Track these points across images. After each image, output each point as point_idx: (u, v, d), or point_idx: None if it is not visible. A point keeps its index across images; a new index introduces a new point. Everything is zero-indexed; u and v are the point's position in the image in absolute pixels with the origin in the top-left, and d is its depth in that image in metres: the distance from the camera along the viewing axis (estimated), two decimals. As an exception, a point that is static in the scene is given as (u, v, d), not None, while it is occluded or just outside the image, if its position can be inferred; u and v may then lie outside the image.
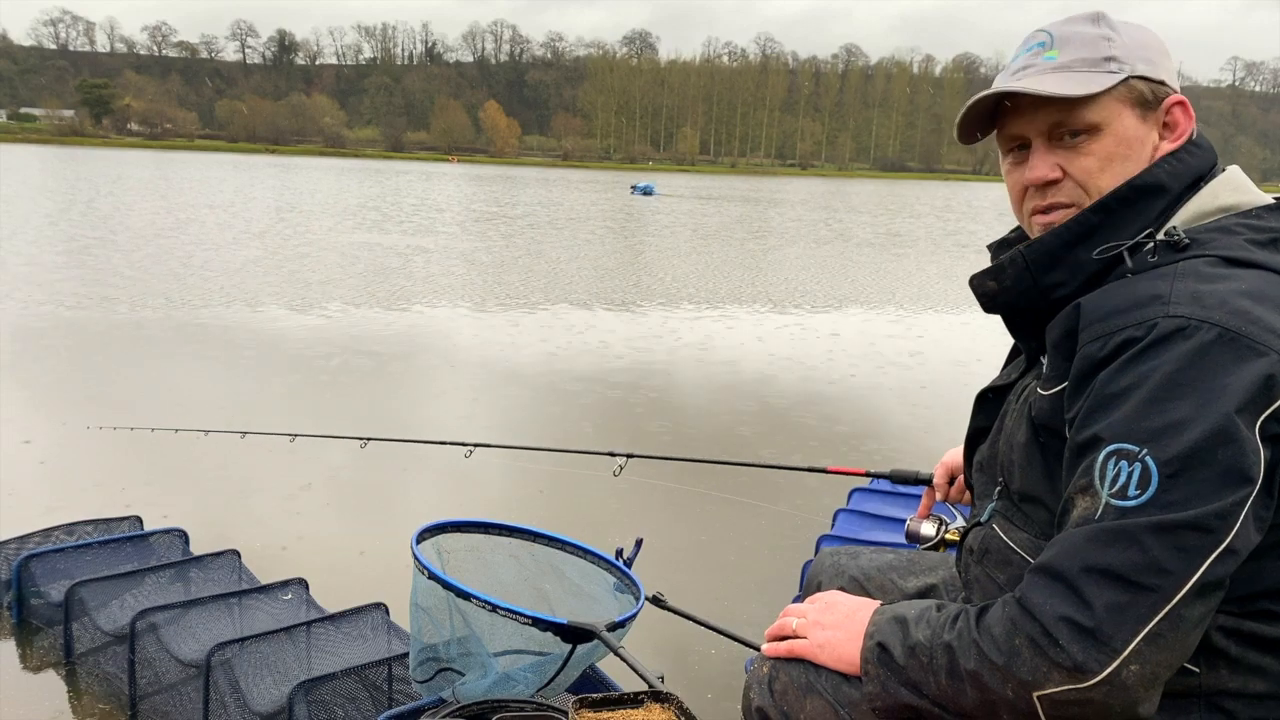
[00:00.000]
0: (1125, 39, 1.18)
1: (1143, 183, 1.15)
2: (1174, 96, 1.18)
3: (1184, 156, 1.16)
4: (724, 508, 4.33)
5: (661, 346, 8.20)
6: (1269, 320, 0.99)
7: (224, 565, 3.04)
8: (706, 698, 2.75)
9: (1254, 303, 1.00)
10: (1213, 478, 0.94)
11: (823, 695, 1.28)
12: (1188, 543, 0.94)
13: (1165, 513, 0.94)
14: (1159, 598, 0.95)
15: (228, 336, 7.77)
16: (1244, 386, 0.95)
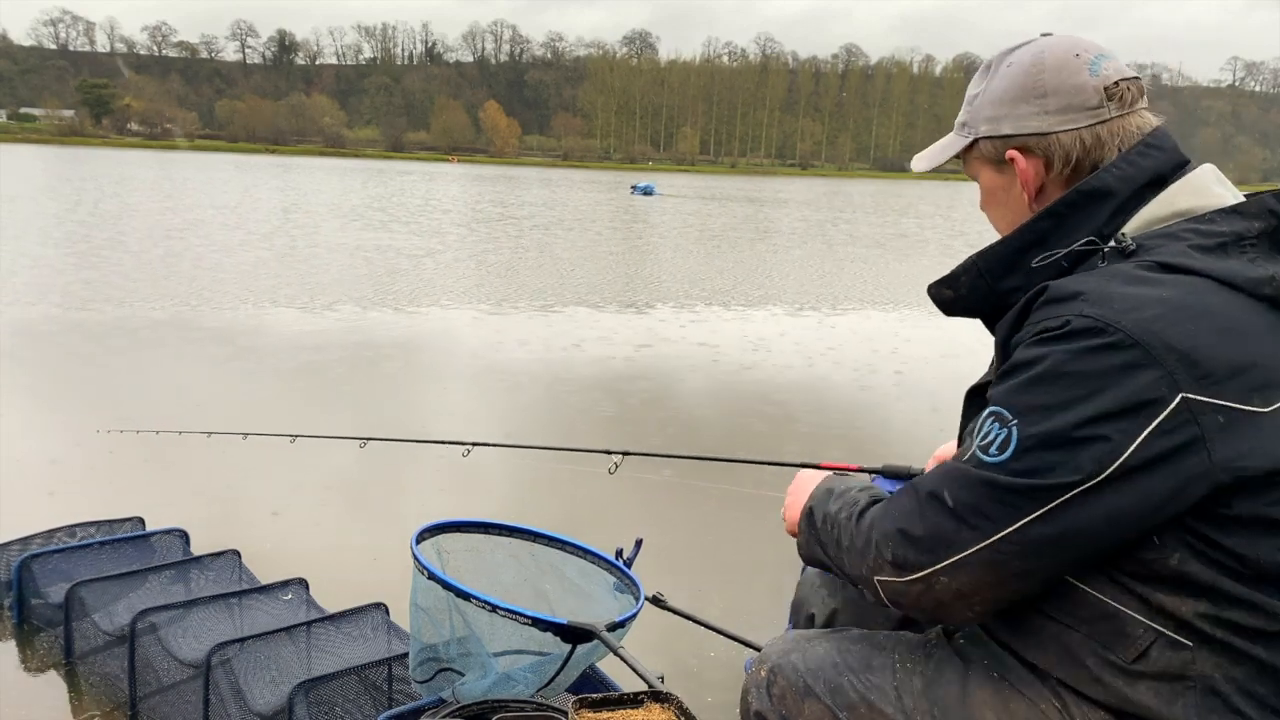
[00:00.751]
0: (985, 96, 1.29)
1: (1089, 188, 1.19)
2: (1011, 151, 1.25)
3: (1136, 159, 1.19)
4: (723, 508, 4.33)
5: (666, 346, 8.20)
6: (1171, 337, 1.01)
7: (224, 565, 3.05)
8: (706, 700, 2.75)
9: (1166, 314, 1.03)
10: (1056, 461, 1.02)
11: (820, 699, 1.30)
12: (1011, 501, 1.05)
13: (1007, 475, 1.05)
14: (977, 535, 1.07)
15: (238, 338, 7.77)
16: (1123, 394, 1.00)
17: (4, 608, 3.05)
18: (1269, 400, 1.03)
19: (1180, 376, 1.00)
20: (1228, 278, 1.07)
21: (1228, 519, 1.03)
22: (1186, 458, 1.00)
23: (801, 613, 1.66)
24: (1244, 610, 1.04)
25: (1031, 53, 1.26)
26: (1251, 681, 1.06)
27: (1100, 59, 1.24)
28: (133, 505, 3.93)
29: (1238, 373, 1.02)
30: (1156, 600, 1.07)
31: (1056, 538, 1.04)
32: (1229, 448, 1.00)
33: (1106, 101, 1.22)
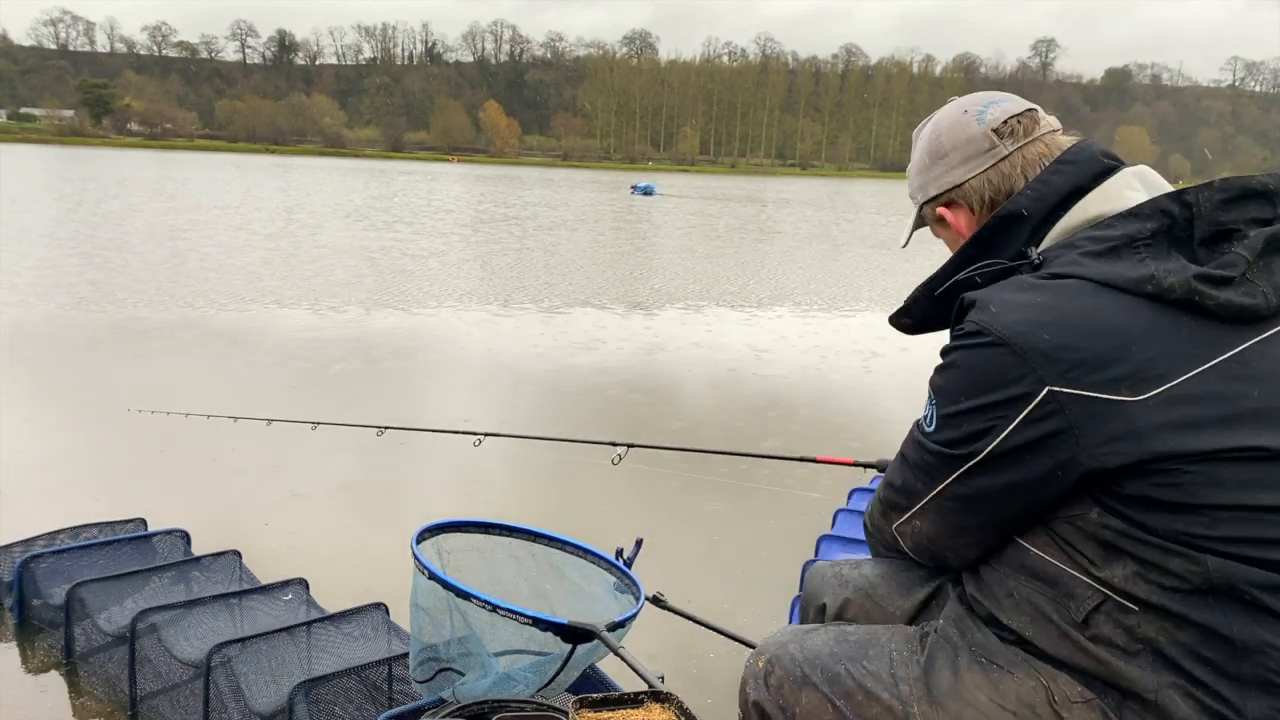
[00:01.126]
0: (912, 169, 1.51)
1: (1005, 212, 1.33)
2: (939, 206, 1.45)
3: (1047, 179, 1.31)
4: (724, 508, 4.33)
5: (670, 345, 8.20)
6: (1039, 338, 1.14)
7: (225, 566, 3.05)
8: (706, 700, 2.75)
9: (1038, 316, 1.15)
10: (957, 438, 1.22)
11: (818, 688, 1.35)
12: (934, 465, 1.26)
13: (933, 443, 1.26)
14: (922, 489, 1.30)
15: (244, 338, 7.77)
16: (998, 388, 1.16)
17: (5, 609, 3.05)
18: (1138, 390, 1.10)
19: (1045, 372, 1.12)
20: (1109, 280, 1.16)
21: (1122, 496, 1.12)
22: (1056, 444, 1.13)
23: (811, 606, 1.69)
24: (1164, 573, 1.12)
25: (931, 123, 1.47)
26: (1199, 645, 1.11)
27: (989, 106, 1.40)
28: (134, 507, 3.94)
29: (1104, 366, 1.10)
30: (1091, 560, 1.16)
31: (972, 496, 1.23)
32: (1097, 435, 1.10)
33: (999, 141, 1.36)
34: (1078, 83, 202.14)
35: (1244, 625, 1.10)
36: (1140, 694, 1.14)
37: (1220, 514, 1.10)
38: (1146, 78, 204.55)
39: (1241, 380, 1.12)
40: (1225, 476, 1.10)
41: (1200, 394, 1.11)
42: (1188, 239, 1.18)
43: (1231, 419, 1.10)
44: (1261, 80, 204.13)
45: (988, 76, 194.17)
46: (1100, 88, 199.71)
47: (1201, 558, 1.10)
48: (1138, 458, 1.10)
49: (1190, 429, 1.10)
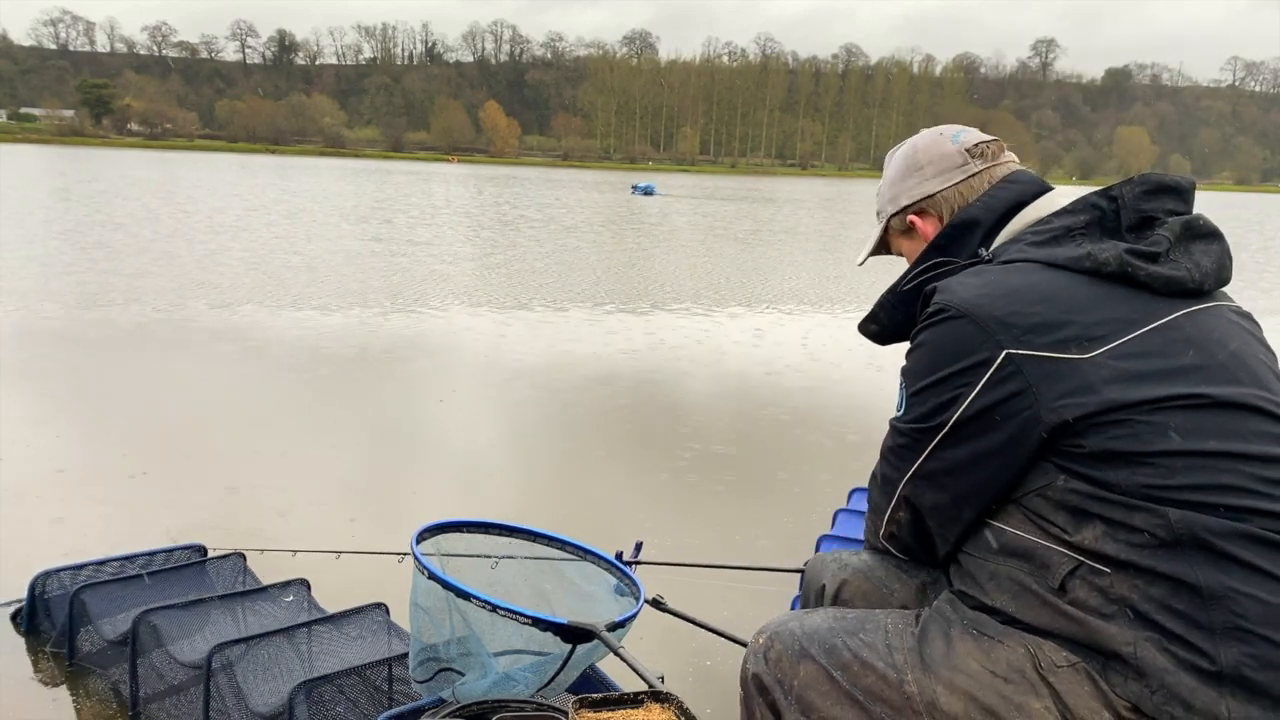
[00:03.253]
0: (885, 183, 1.65)
1: (960, 220, 1.51)
2: (910, 216, 1.60)
3: (996, 193, 1.51)
4: (723, 508, 4.34)
5: (673, 345, 8.20)
6: (993, 307, 1.27)
7: (228, 568, 3.04)
8: (707, 700, 2.75)
9: (990, 291, 1.29)
10: (926, 411, 1.32)
11: (815, 659, 1.40)
12: (908, 445, 1.37)
13: (904, 425, 1.36)
14: (899, 474, 1.39)
15: (251, 339, 7.77)
16: (964, 353, 1.27)
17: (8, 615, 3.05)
18: (1085, 349, 1.22)
19: (1002, 337, 1.24)
20: (1051, 260, 1.32)
21: (1083, 454, 1.21)
22: (1018, 404, 1.23)
23: (811, 590, 1.73)
24: (1131, 530, 1.19)
25: (906, 144, 1.64)
26: (1169, 598, 1.16)
27: (960, 133, 1.59)
28: (139, 509, 3.94)
29: (1054, 329, 1.23)
30: (1062, 529, 1.24)
31: (946, 471, 1.32)
32: (1053, 391, 1.21)
33: (971, 159, 1.55)
34: (1078, 83, 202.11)
35: (1209, 574, 1.15)
36: (1120, 653, 1.18)
37: (1175, 462, 1.18)
38: (1146, 78, 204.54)
39: (1177, 343, 1.24)
40: (1174, 424, 1.19)
41: (1141, 352, 1.23)
42: (1116, 228, 1.34)
43: (1172, 372, 1.22)
44: (1261, 80, 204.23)
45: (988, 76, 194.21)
46: (1100, 88, 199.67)
47: (1163, 510, 1.17)
48: (1093, 408, 1.20)
49: (1136, 380, 1.21)
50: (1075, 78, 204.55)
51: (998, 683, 1.26)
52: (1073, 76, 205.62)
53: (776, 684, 1.42)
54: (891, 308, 1.57)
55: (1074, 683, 1.21)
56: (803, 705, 1.39)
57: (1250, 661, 1.14)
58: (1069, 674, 1.22)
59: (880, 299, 1.59)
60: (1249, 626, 1.14)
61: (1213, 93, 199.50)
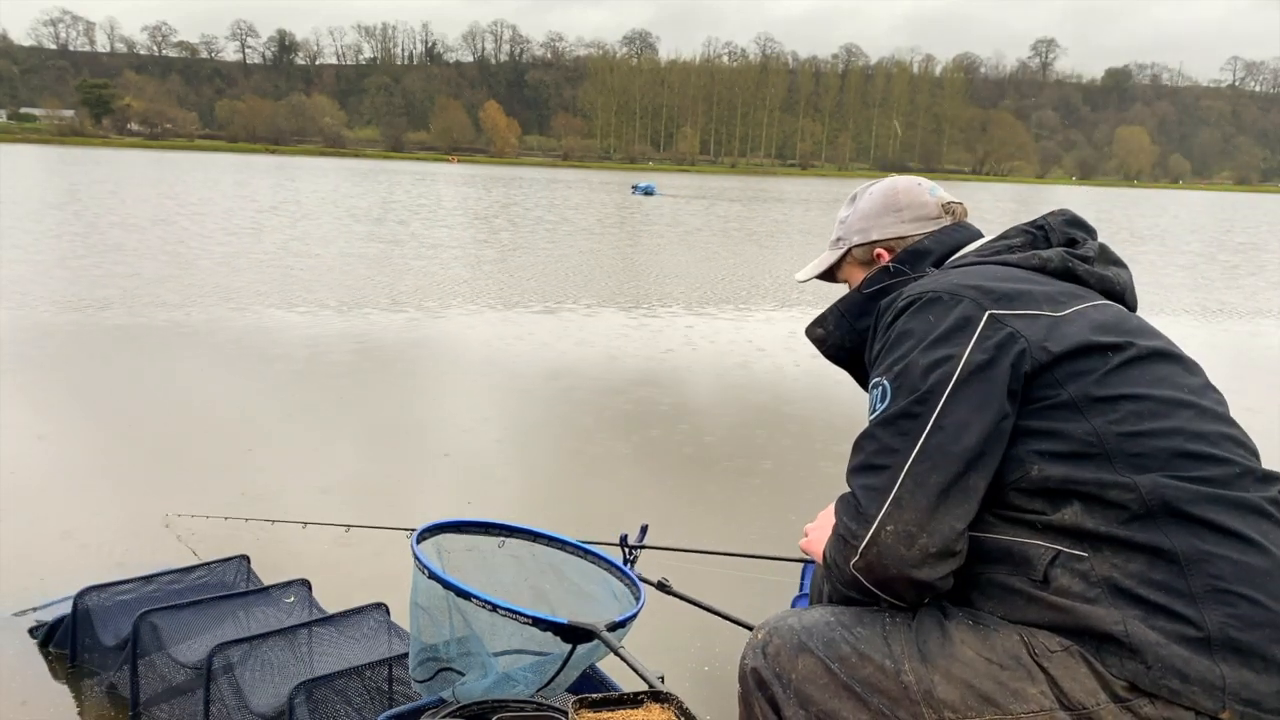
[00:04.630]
0: (856, 214, 1.74)
1: (915, 248, 1.65)
2: (879, 249, 1.69)
3: (950, 231, 1.66)
4: (726, 501, 4.34)
5: (675, 345, 8.20)
6: (968, 283, 1.38)
7: (231, 570, 3.04)
8: (707, 700, 2.75)
9: (961, 277, 1.42)
10: (919, 377, 1.31)
11: (814, 653, 1.40)
12: (904, 428, 1.31)
13: (893, 409, 1.33)
14: (892, 471, 1.30)
15: (256, 340, 7.77)
16: (950, 320, 1.33)
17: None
18: (1058, 308, 1.36)
19: (983, 300, 1.35)
20: (1003, 261, 1.50)
21: (1063, 405, 1.28)
22: (1009, 346, 1.30)
23: (814, 591, 1.72)
24: (1106, 499, 1.24)
25: (886, 183, 1.75)
26: (1148, 570, 1.20)
27: (935, 188, 1.73)
28: (143, 512, 3.94)
29: (1023, 299, 1.36)
30: (1041, 522, 1.28)
31: (952, 436, 1.28)
32: (1037, 333, 1.32)
33: (944, 214, 1.69)
34: (1078, 83, 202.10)
35: (1183, 539, 1.19)
36: (1111, 634, 1.20)
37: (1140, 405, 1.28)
38: (1146, 78, 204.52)
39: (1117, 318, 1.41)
40: (1132, 374, 1.31)
41: (1096, 318, 1.38)
42: (1046, 247, 1.53)
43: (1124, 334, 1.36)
44: (1261, 80, 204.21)
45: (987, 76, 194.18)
46: (1100, 88, 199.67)
47: (1133, 480, 1.23)
48: (1074, 346, 1.31)
49: (1102, 331, 1.34)
50: (1075, 78, 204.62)
51: (994, 669, 1.27)
52: (1073, 76, 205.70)
53: (775, 678, 1.42)
54: (840, 315, 1.65)
55: (1069, 666, 1.23)
56: (801, 698, 1.40)
57: (1234, 622, 1.16)
58: (1063, 658, 1.24)
59: (832, 306, 1.67)
60: (1227, 587, 1.17)
61: (1213, 93, 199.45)
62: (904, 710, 1.32)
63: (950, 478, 1.27)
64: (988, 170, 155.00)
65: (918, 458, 1.29)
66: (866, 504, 1.31)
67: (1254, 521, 1.21)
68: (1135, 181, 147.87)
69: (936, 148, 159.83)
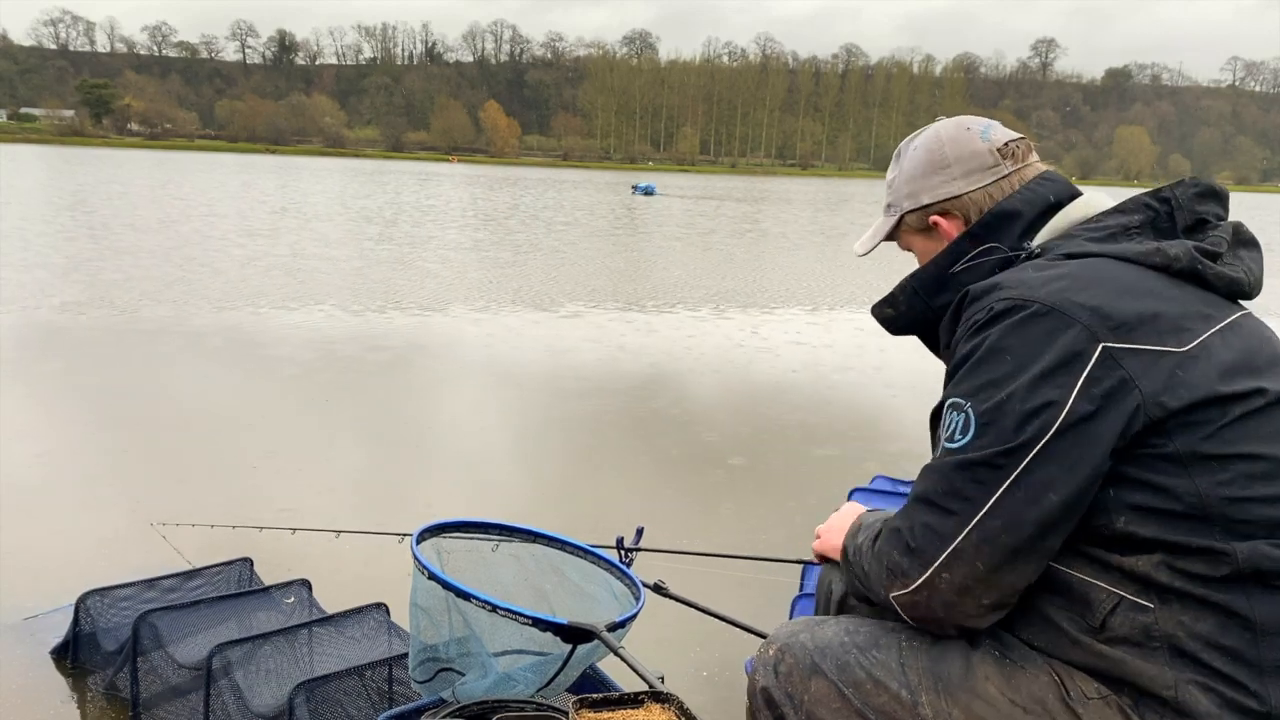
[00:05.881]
0: (902, 176, 1.50)
1: (1000, 209, 1.40)
2: (933, 215, 1.46)
3: (1035, 188, 1.40)
4: (726, 502, 4.34)
5: (678, 345, 8.20)
6: (1081, 299, 1.16)
7: (234, 573, 3.03)
8: (707, 700, 2.75)
9: (1072, 284, 1.19)
10: (1012, 425, 1.13)
11: (827, 676, 1.34)
12: (982, 476, 1.15)
13: (974, 452, 1.15)
14: (960, 519, 1.16)
15: (259, 340, 7.77)
16: (1055, 351, 1.14)
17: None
18: (1183, 341, 1.16)
19: (1097, 329, 1.14)
20: (1120, 254, 1.25)
21: (1167, 458, 1.12)
22: (1121, 397, 1.12)
23: (821, 592, 1.70)
24: (1194, 556, 1.11)
25: (929, 134, 1.50)
26: (1218, 635, 1.10)
27: (988, 128, 1.47)
28: (145, 513, 3.94)
29: (1146, 321, 1.15)
30: (1114, 562, 1.15)
31: (1032, 501, 1.13)
32: (1155, 383, 1.13)
33: (1002, 160, 1.43)
34: (1078, 83, 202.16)
35: (1266, 607, 1.09)
36: (1159, 692, 1.12)
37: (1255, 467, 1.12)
38: (1146, 78, 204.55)
39: (1251, 341, 1.22)
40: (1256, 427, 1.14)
41: (1223, 345, 1.18)
42: (1171, 229, 1.29)
43: (1256, 370, 1.18)
44: (1261, 80, 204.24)
45: (988, 77, 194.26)
46: (1100, 88, 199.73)
47: (1231, 547, 1.10)
48: (1199, 398, 1.13)
49: (1232, 374, 1.15)
50: (1075, 78, 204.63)
51: (1016, 712, 1.20)
52: (1073, 76, 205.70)
53: (786, 699, 1.37)
54: (913, 294, 1.46)
55: (1104, 716, 1.16)
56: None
57: None
58: (1099, 706, 1.16)
59: (902, 283, 1.48)
60: None
61: (1213, 93, 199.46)
62: None
63: (1023, 540, 1.15)
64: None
65: (990, 512, 1.15)
66: (924, 545, 1.20)
67: None
68: (1135, 181, 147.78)
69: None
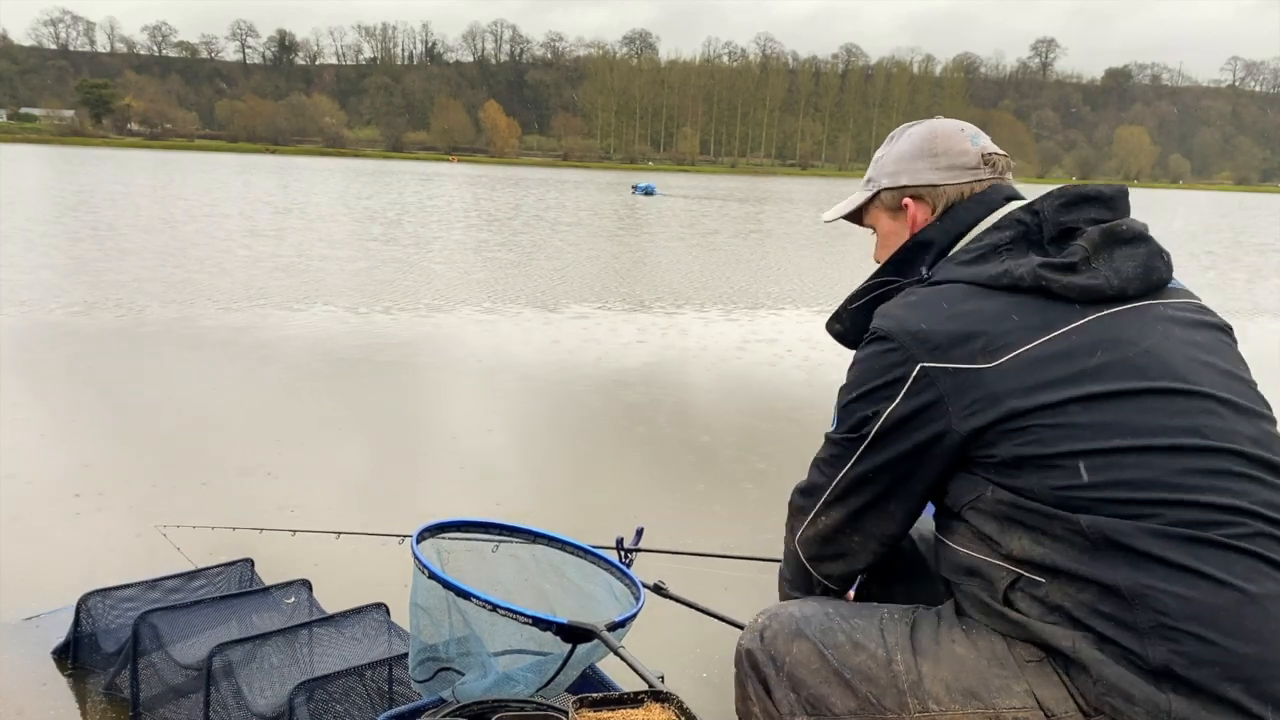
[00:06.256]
0: (891, 155, 1.63)
1: (915, 241, 1.56)
2: (906, 197, 1.59)
3: (959, 214, 1.53)
4: (727, 502, 4.34)
5: (679, 346, 8.20)
6: (910, 325, 1.36)
7: (236, 574, 3.03)
8: (707, 700, 2.75)
9: (910, 312, 1.39)
10: (852, 424, 1.43)
11: (809, 638, 1.45)
12: (838, 453, 1.46)
13: (836, 435, 1.47)
14: (828, 480, 1.48)
15: (261, 340, 7.78)
16: (883, 370, 1.37)
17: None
18: (992, 358, 1.30)
19: (916, 351, 1.34)
20: (972, 279, 1.39)
21: (997, 462, 1.29)
22: (933, 414, 1.33)
23: None
24: (1056, 538, 1.25)
25: (927, 125, 1.63)
26: (1098, 603, 1.22)
27: (978, 135, 1.61)
28: (145, 514, 3.94)
29: (961, 342, 1.31)
30: (1003, 548, 1.31)
31: (869, 473, 1.41)
32: (962, 400, 1.30)
33: (983, 165, 1.57)
34: (1078, 83, 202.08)
35: (1126, 574, 1.19)
36: (1061, 649, 1.24)
37: (1079, 463, 1.23)
38: (1146, 78, 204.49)
39: (1084, 345, 1.29)
40: (1077, 425, 1.25)
41: (1045, 355, 1.28)
42: (1040, 241, 1.40)
43: (1076, 375, 1.27)
44: (1261, 80, 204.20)
45: (987, 76, 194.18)
46: (1100, 88, 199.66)
47: (1074, 517, 1.23)
48: (995, 417, 1.28)
49: (1039, 387, 1.27)
50: (1075, 78, 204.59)
51: (981, 665, 1.32)
52: (1073, 76, 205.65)
53: (769, 660, 1.47)
54: (854, 313, 1.65)
55: (1042, 676, 1.28)
56: (793, 682, 1.44)
57: (1179, 660, 1.15)
58: (1036, 669, 1.29)
59: (844, 301, 1.66)
60: (1172, 623, 1.16)
61: (1213, 93, 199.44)
62: (890, 699, 1.36)
63: (866, 501, 1.44)
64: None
65: (843, 478, 1.44)
66: (811, 491, 1.51)
67: (1213, 556, 1.18)
68: (1135, 181, 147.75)
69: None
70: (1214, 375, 1.30)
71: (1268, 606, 1.15)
